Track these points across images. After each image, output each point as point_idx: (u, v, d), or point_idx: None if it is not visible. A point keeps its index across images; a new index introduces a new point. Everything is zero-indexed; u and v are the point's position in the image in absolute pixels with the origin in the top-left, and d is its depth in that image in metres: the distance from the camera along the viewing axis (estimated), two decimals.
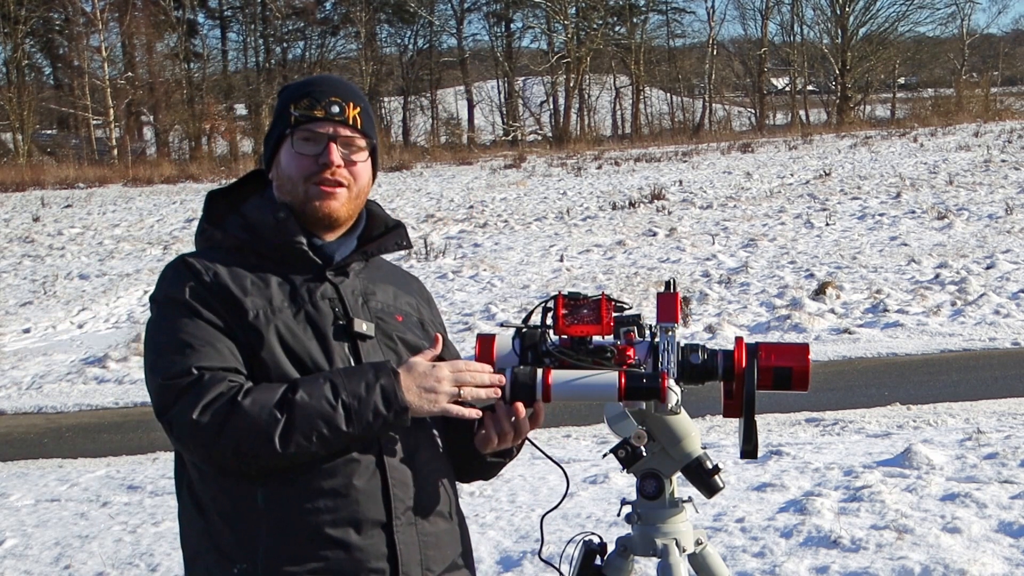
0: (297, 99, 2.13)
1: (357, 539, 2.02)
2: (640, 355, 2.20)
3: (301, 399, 1.93)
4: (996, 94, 47.87)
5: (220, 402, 1.92)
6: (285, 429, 1.91)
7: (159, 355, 2.00)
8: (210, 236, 2.16)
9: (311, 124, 2.12)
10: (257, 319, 2.03)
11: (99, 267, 16.05)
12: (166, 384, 1.96)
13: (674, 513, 2.37)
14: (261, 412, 1.91)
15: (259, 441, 1.91)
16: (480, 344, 2.22)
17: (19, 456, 7.53)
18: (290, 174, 2.13)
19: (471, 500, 5.48)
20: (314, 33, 50.57)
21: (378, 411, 1.96)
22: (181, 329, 2.00)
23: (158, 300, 2.08)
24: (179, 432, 1.95)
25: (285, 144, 2.14)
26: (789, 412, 7.34)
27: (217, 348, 2.00)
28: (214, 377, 1.95)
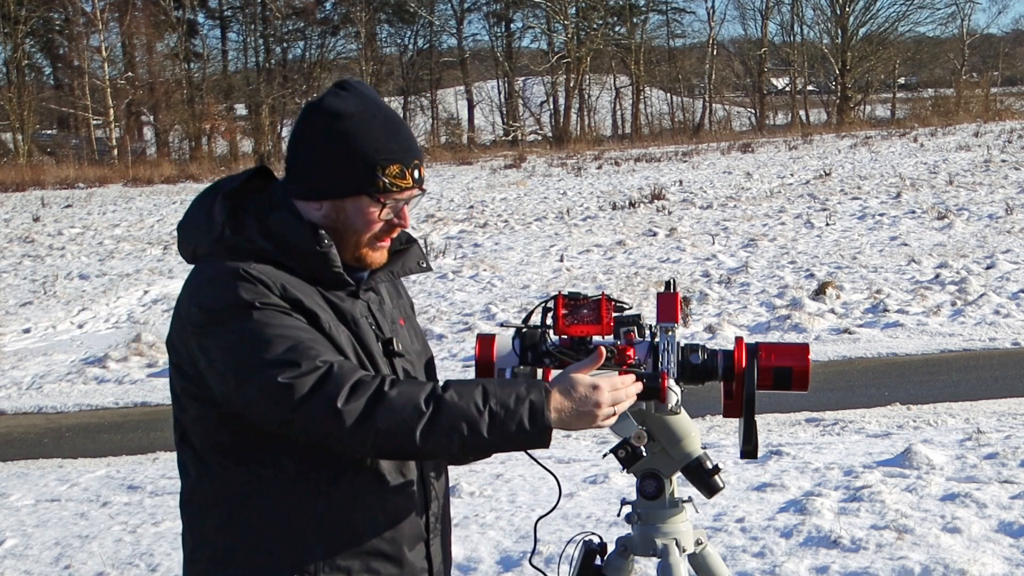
0: (386, 162, 2.05)
1: (408, 555, 2.10)
2: (640, 355, 2.20)
3: (451, 397, 1.91)
4: (996, 94, 47.90)
5: (366, 390, 1.89)
6: (428, 424, 1.89)
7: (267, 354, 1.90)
8: (234, 245, 2.04)
9: (399, 194, 2.08)
10: (331, 330, 2.01)
11: (99, 267, 16.05)
12: (289, 383, 1.88)
13: (674, 513, 2.38)
14: (407, 404, 1.89)
15: (402, 432, 1.89)
16: (480, 344, 2.23)
17: (19, 456, 7.53)
18: (359, 230, 2.08)
19: (471, 500, 5.48)
20: (314, 33, 50.57)
21: (522, 425, 1.93)
22: (281, 330, 1.93)
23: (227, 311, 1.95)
24: (318, 423, 1.89)
25: (362, 201, 2.06)
26: (789, 412, 7.34)
27: (322, 342, 1.96)
28: (344, 365, 1.92)
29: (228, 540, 2.03)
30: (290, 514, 2.00)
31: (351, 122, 2.06)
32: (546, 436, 1.95)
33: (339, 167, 2.05)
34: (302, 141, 2.10)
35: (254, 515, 2.01)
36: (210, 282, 1.99)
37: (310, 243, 2.03)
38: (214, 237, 2.06)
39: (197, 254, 2.09)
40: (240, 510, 2.02)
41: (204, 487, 2.06)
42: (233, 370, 1.94)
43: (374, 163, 2.05)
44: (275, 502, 2.00)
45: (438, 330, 10.43)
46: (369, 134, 2.06)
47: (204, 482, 2.06)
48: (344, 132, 2.05)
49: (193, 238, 2.10)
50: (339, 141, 2.05)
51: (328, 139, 2.06)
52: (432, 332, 10.36)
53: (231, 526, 2.02)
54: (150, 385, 9.28)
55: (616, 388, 2.02)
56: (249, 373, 1.92)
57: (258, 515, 2.01)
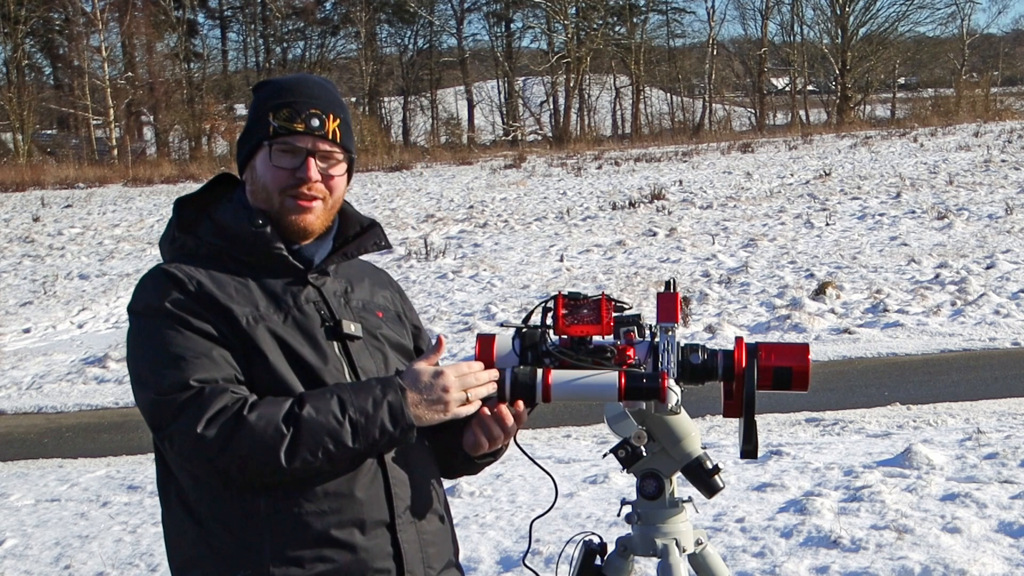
0: (276, 108, 2.09)
1: (362, 540, 2.03)
2: (640, 355, 2.20)
3: (308, 414, 1.90)
4: (996, 94, 47.87)
5: (225, 416, 1.89)
6: (291, 444, 1.89)
7: (150, 370, 1.96)
8: (182, 244, 2.11)
9: (290, 137, 2.09)
10: (248, 326, 2.01)
11: (99, 267, 16.05)
12: (162, 400, 1.92)
13: (674, 513, 2.37)
14: (267, 427, 1.89)
15: (265, 456, 1.89)
16: (480, 344, 2.23)
17: (19, 456, 7.53)
18: (266, 184, 2.10)
19: (471, 500, 5.48)
20: (314, 33, 50.64)
21: (385, 428, 1.95)
22: (170, 341, 1.96)
23: (138, 312, 2.02)
24: (181, 447, 1.91)
25: (262, 153, 2.10)
26: (789, 412, 7.34)
27: (212, 358, 1.96)
28: (215, 389, 1.92)
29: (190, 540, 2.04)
30: (235, 513, 1.99)
31: (267, 86, 2.17)
32: (411, 435, 1.98)
33: (248, 127, 2.14)
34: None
35: (205, 515, 2.01)
36: (137, 285, 2.07)
37: (246, 225, 2.07)
38: (169, 239, 2.15)
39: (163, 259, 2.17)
40: (194, 510, 2.02)
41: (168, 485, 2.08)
42: (130, 375, 2.03)
43: (266, 110, 2.11)
44: (219, 502, 1.99)
45: (438, 330, 10.43)
46: (273, 89, 2.15)
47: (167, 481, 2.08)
48: (258, 95, 2.16)
49: (163, 247, 2.19)
50: (253, 104, 2.16)
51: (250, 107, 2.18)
52: (432, 332, 10.36)
53: (190, 526, 2.03)
54: None
55: (463, 373, 2.03)
56: (136, 383, 1.99)
57: (208, 515, 2.01)
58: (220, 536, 2.00)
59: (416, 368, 2.03)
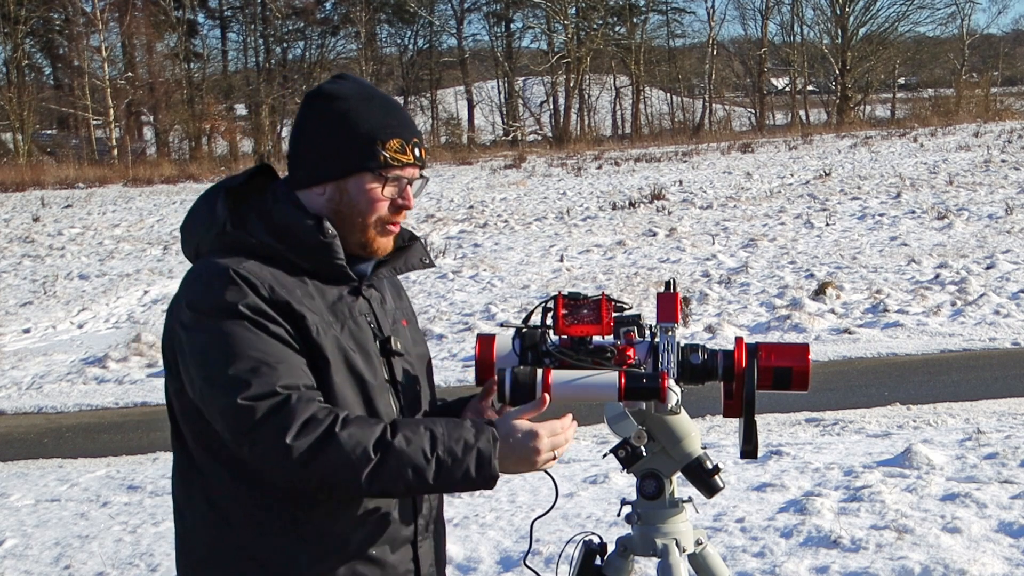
0: (386, 136, 2.05)
1: (391, 557, 2.08)
2: (640, 355, 2.20)
3: (399, 444, 1.89)
4: (996, 94, 47.88)
5: (316, 428, 1.86)
6: (374, 469, 1.87)
7: (230, 373, 1.88)
8: (235, 240, 2.02)
9: (400, 170, 2.06)
10: (318, 334, 1.98)
11: (99, 267, 16.05)
12: (247, 406, 1.86)
13: (674, 513, 2.38)
14: (356, 448, 1.87)
15: (347, 476, 1.87)
16: (480, 344, 2.23)
17: (19, 456, 7.53)
18: (364, 211, 2.06)
19: (471, 500, 5.48)
20: (314, 33, 50.58)
21: (468, 474, 1.92)
22: (250, 344, 1.90)
23: (206, 311, 1.93)
24: (265, 454, 1.87)
25: (364, 179, 2.04)
26: (789, 412, 7.34)
27: (292, 364, 1.92)
28: (301, 397, 1.89)
29: (213, 539, 2.02)
30: (276, 521, 1.98)
31: (350, 102, 2.07)
32: (492, 483, 1.95)
33: (340, 145, 2.04)
34: (303, 128, 2.10)
35: (239, 518, 1.99)
36: (199, 280, 1.98)
37: (314, 234, 2.01)
38: (216, 233, 2.04)
39: (200, 252, 2.07)
40: (226, 511, 2.00)
41: (192, 483, 2.04)
42: (200, 377, 1.93)
43: (374, 138, 2.04)
44: (261, 508, 1.98)
45: (438, 330, 10.43)
46: (368, 111, 2.07)
47: (192, 478, 2.04)
48: (344, 111, 2.06)
49: (195, 236, 2.08)
50: (339, 120, 2.05)
51: (328, 120, 2.06)
52: (432, 332, 10.35)
53: (216, 526, 2.01)
54: (150, 385, 9.28)
55: (555, 433, 2.01)
56: (211, 384, 1.91)
57: (243, 518, 1.99)
58: (255, 542, 1.99)
59: (513, 423, 2.01)
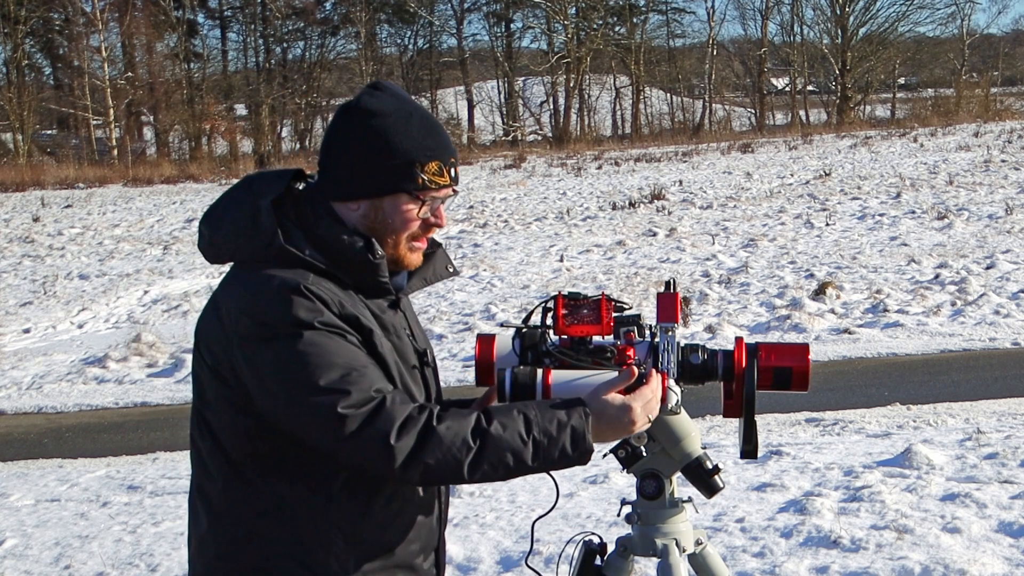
0: (425, 159, 2.05)
1: (423, 564, 2.15)
2: (640, 355, 2.20)
3: (496, 431, 1.93)
4: (996, 94, 47.89)
5: (416, 426, 1.90)
6: (476, 458, 1.91)
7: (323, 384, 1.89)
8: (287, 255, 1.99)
9: (437, 192, 2.08)
10: (383, 350, 2.01)
11: (99, 267, 16.05)
12: (348, 414, 1.88)
13: (674, 513, 2.37)
14: (455, 439, 1.90)
15: (450, 467, 1.91)
16: (480, 344, 2.23)
17: (19, 456, 7.53)
18: (397, 229, 2.07)
19: (471, 500, 5.48)
20: (314, 33, 50.59)
21: (565, 451, 1.96)
22: (335, 353, 1.91)
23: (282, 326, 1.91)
24: (370, 457, 1.89)
25: (400, 199, 2.05)
26: (789, 412, 7.34)
27: (374, 369, 1.96)
28: (395, 398, 1.92)
29: (261, 550, 2.01)
30: (328, 530, 1.99)
31: (389, 120, 2.05)
32: (587, 458, 2.00)
33: (377, 165, 2.04)
34: (338, 141, 2.07)
35: (289, 527, 1.99)
36: (265, 294, 1.94)
37: (363, 254, 2.02)
38: (263, 243, 2.00)
39: (236, 258, 2.05)
40: (275, 521, 1.99)
41: (236, 494, 2.02)
42: (285, 390, 1.91)
43: (413, 160, 2.04)
44: (313, 516, 1.99)
45: (438, 330, 10.43)
46: (407, 131, 2.05)
47: (235, 489, 2.02)
48: (382, 129, 2.04)
49: (231, 242, 2.04)
50: (377, 139, 2.04)
51: (365, 137, 2.05)
52: (432, 332, 10.36)
53: (265, 536, 2.00)
54: (150, 385, 9.28)
55: (647, 400, 2.06)
56: (302, 396, 1.90)
57: (294, 527, 1.99)
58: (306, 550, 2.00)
59: (605, 400, 2.03)
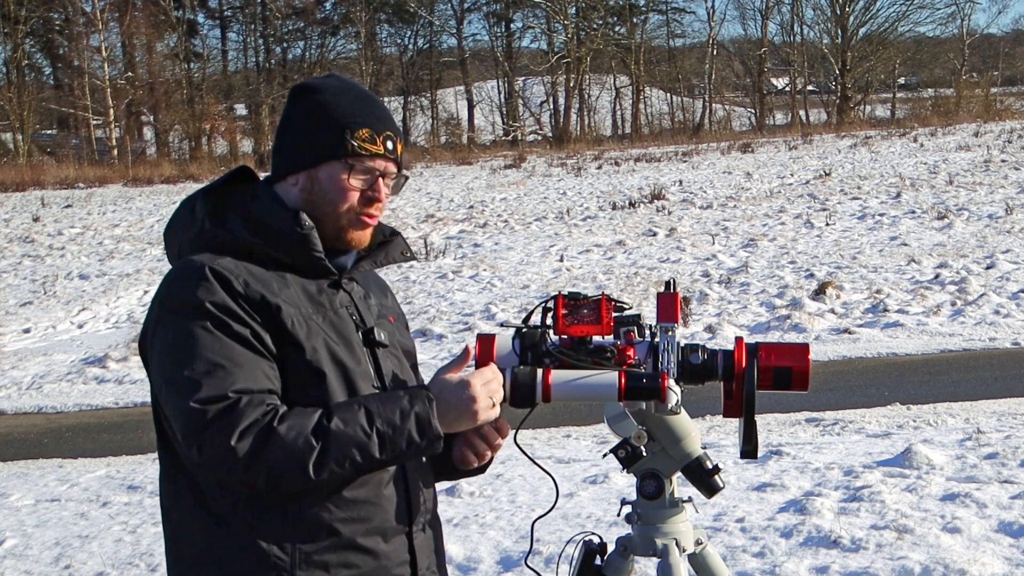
0: (355, 126, 2.08)
1: (384, 547, 2.08)
2: (640, 355, 2.20)
3: (336, 427, 1.91)
4: (996, 94, 47.86)
5: (256, 428, 1.88)
6: (320, 457, 1.89)
7: (186, 376, 1.91)
8: (213, 237, 2.06)
9: (369, 160, 2.09)
10: (294, 327, 2.00)
11: (99, 267, 16.05)
12: (198, 409, 1.88)
13: (674, 513, 2.37)
14: (297, 439, 1.88)
15: (293, 469, 1.89)
16: (480, 344, 2.23)
17: (19, 456, 7.53)
18: (334, 200, 2.08)
19: (471, 500, 5.48)
20: (314, 33, 50.61)
21: (412, 439, 1.95)
22: (209, 346, 1.92)
23: (175, 309, 1.97)
24: (210, 457, 1.89)
25: (333, 167, 2.08)
26: (789, 412, 7.34)
27: (250, 368, 1.94)
28: (251, 401, 1.91)
29: (205, 538, 2.02)
30: (266, 514, 1.99)
31: (326, 94, 2.12)
32: (437, 444, 1.98)
33: (311, 134, 2.10)
34: (282, 121, 2.16)
35: (229, 515, 1.99)
36: (173, 276, 2.01)
37: (291, 225, 2.05)
38: (195, 232, 2.08)
39: (182, 254, 2.10)
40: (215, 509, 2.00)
41: (179, 483, 2.05)
42: (161, 377, 1.96)
43: (343, 126, 2.08)
44: (250, 503, 1.98)
45: (438, 330, 10.43)
46: (340, 102, 2.11)
47: (179, 478, 2.05)
48: (318, 102, 2.11)
49: (177, 238, 2.12)
50: (312, 110, 2.11)
51: (302, 112, 2.13)
52: (432, 332, 10.36)
53: (207, 524, 2.01)
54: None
55: (487, 380, 2.04)
56: (168, 386, 1.93)
57: (233, 515, 1.99)
58: (245, 537, 1.99)
59: (443, 379, 2.04)
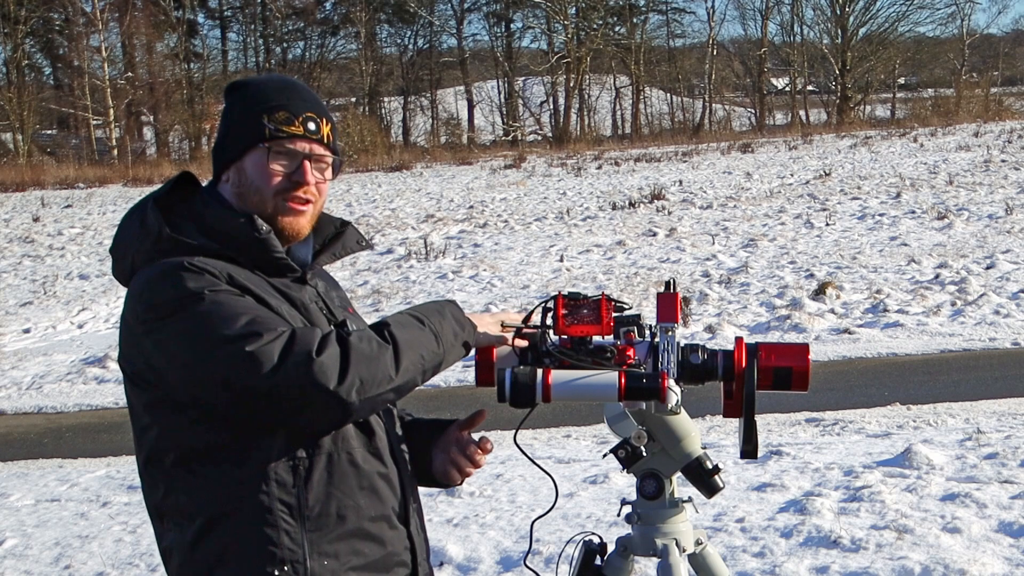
0: (272, 110, 2.09)
1: (390, 533, 2.11)
2: (640, 355, 2.20)
3: (397, 329, 2.00)
4: (996, 94, 47.86)
5: (328, 343, 1.90)
6: (395, 354, 1.96)
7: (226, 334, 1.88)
8: (175, 245, 2.02)
9: (288, 141, 2.09)
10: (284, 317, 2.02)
11: (99, 267, 16.05)
12: (259, 349, 1.86)
13: (674, 513, 2.37)
14: (370, 343, 1.94)
15: (379, 370, 1.92)
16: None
17: (19, 456, 7.53)
18: (259, 187, 2.09)
19: (471, 500, 5.48)
20: (314, 33, 50.62)
21: (455, 331, 2.08)
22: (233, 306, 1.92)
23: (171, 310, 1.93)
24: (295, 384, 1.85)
25: (254, 154, 2.08)
26: (789, 412, 7.34)
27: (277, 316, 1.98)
28: (304, 330, 1.93)
29: (214, 547, 2.00)
30: (273, 509, 1.98)
31: (249, 87, 2.17)
32: (475, 334, 2.14)
33: (234, 126, 2.12)
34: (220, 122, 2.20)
35: (235, 516, 1.98)
36: (153, 281, 1.98)
37: (248, 231, 2.05)
38: (152, 240, 2.04)
39: (136, 266, 2.07)
40: (221, 514, 1.99)
41: (179, 500, 2.02)
42: (194, 353, 1.90)
43: (260, 111, 2.10)
44: (256, 500, 1.98)
45: None
46: (259, 91, 2.14)
47: (178, 495, 2.01)
48: (242, 95, 2.15)
49: (129, 251, 2.09)
50: (236, 103, 2.15)
51: (229, 106, 2.17)
52: None
53: (214, 533, 1.99)
54: None
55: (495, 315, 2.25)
56: (212, 350, 1.89)
57: (240, 515, 1.98)
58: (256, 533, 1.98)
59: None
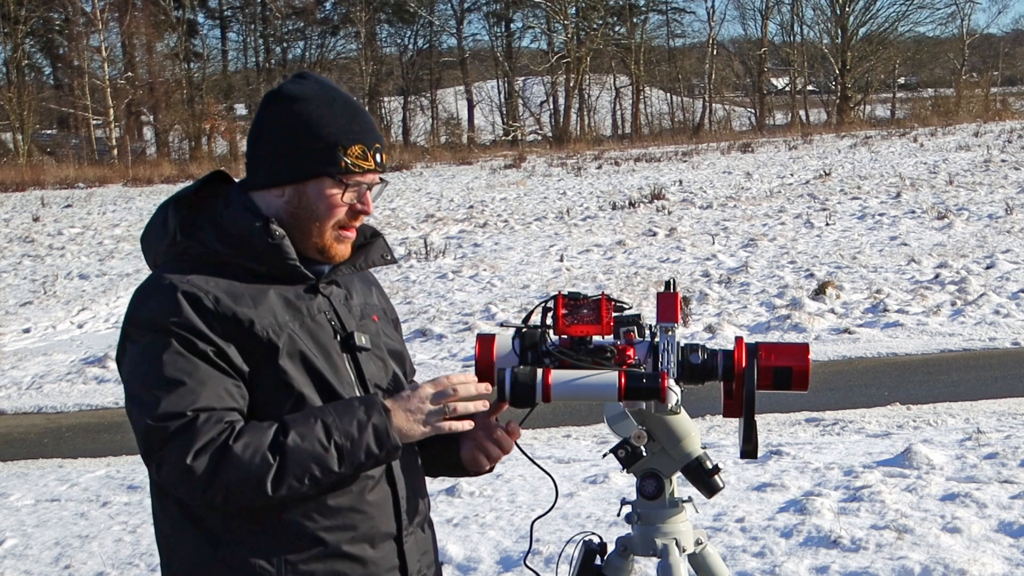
0: (348, 142, 2.04)
1: (372, 553, 2.06)
2: (640, 355, 2.20)
3: (294, 442, 1.89)
4: (996, 94, 47.87)
5: (212, 447, 1.87)
6: (277, 473, 1.88)
7: (146, 391, 1.90)
8: (185, 249, 2.03)
9: (361, 176, 2.06)
10: (268, 338, 1.98)
11: (99, 267, 16.05)
12: (155, 426, 1.87)
13: (674, 513, 2.38)
14: (254, 456, 1.87)
15: (251, 486, 1.87)
16: (480, 344, 2.23)
17: (19, 456, 7.53)
18: (322, 216, 2.05)
19: (471, 500, 5.48)
20: (314, 33, 50.64)
21: (370, 451, 1.94)
22: (172, 364, 1.90)
23: (140, 325, 1.96)
24: (168, 475, 1.89)
25: (323, 184, 2.03)
26: (789, 412, 7.34)
27: (212, 386, 1.92)
28: (210, 419, 1.89)
29: (197, 555, 2.01)
30: (250, 525, 1.97)
31: (311, 104, 2.05)
32: (395, 455, 1.98)
33: (300, 149, 2.03)
34: (262, 129, 2.08)
35: (215, 528, 1.99)
36: (143, 293, 2.00)
37: (262, 236, 2.00)
38: (167, 243, 2.05)
39: (157, 262, 2.08)
40: (201, 522, 1.99)
41: (168, 501, 2.03)
42: (126, 393, 1.96)
43: (336, 143, 2.03)
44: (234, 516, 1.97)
45: (438, 330, 10.42)
46: (330, 115, 2.05)
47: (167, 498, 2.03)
48: (304, 114, 2.04)
49: (152, 247, 2.10)
50: (299, 123, 2.04)
51: (288, 122, 2.05)
52: (432, 332, 10.35)
53: (194, 537, 2.00)
54: None
55: (441, 387, 2.00)
56: (131, 402, 1.94)
57: (219, 528, 1.98)
58: (231, 548, 1.98)
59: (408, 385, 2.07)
